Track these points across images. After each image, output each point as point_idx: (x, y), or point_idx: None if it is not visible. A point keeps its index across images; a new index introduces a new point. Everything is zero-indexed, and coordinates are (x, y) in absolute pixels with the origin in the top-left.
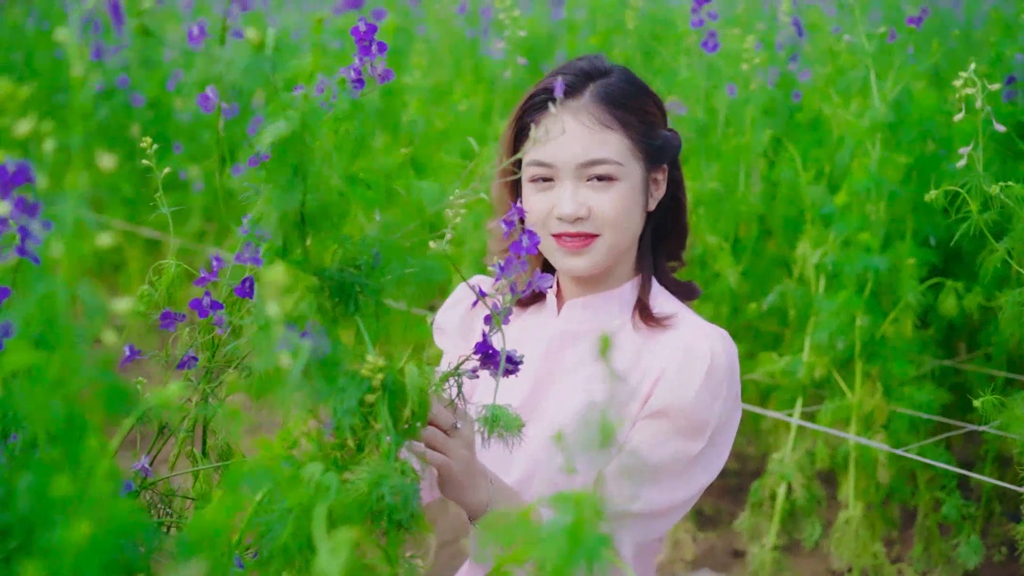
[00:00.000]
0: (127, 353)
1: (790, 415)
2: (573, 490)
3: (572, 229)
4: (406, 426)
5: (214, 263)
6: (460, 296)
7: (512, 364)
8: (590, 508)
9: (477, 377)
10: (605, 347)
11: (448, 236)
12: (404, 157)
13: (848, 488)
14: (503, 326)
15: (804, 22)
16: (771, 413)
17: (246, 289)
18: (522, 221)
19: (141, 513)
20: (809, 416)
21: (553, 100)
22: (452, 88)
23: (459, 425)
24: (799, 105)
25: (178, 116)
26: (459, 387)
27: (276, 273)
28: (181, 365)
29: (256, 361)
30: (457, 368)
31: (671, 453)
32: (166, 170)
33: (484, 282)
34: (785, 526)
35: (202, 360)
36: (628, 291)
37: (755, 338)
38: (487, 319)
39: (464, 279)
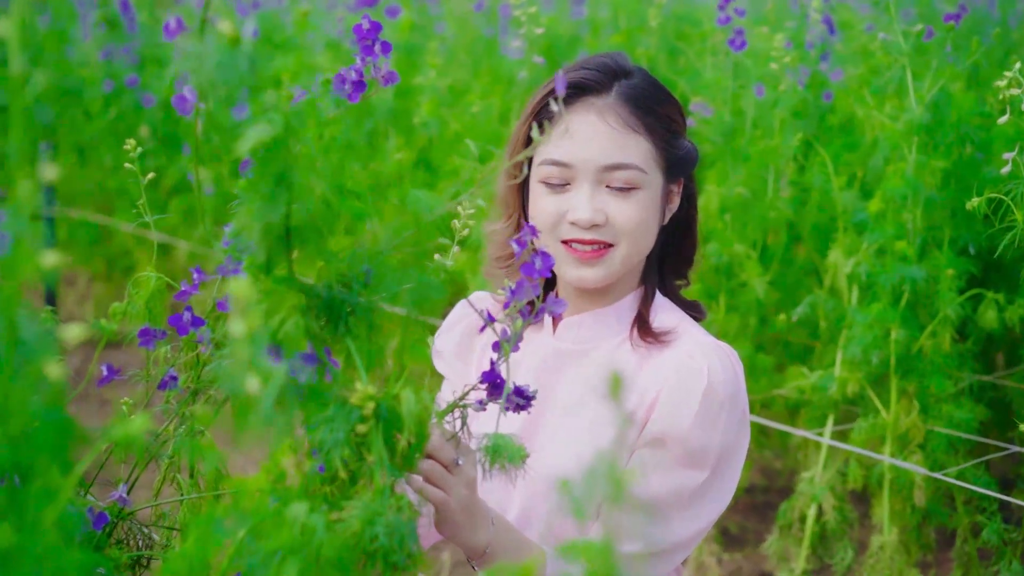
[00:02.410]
0: (105, 373)
1: (821, 433)
2: (582, 539)
3: (586, 236)
4: (402, 459)
5: (195, 275)
6: (459, 316)
7: (524, 399)
8: (602, 560)
9: (484, 410)
10: (616, 389)
11: (455, 250)
12: (399, 164)
13: (882, 510)
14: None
15: (836, 20)
16: (801, 432)
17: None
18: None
19: (98, 562)
20: (841, 434)
21: (575, 95)
22: (469, 88)
23: (460, 462)
24: (831, 106)
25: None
26: (464, 420)
27: (242, 286)
28: (162, 386)
29: (225, 386)
30: (462, 399)
31: (672, 486)
32: (151, 175)
33: (485, 299)
34: (815, 549)
35: (183, 380)
36: (627, 305)
37: (784, 351)
38: (495, 346)
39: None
